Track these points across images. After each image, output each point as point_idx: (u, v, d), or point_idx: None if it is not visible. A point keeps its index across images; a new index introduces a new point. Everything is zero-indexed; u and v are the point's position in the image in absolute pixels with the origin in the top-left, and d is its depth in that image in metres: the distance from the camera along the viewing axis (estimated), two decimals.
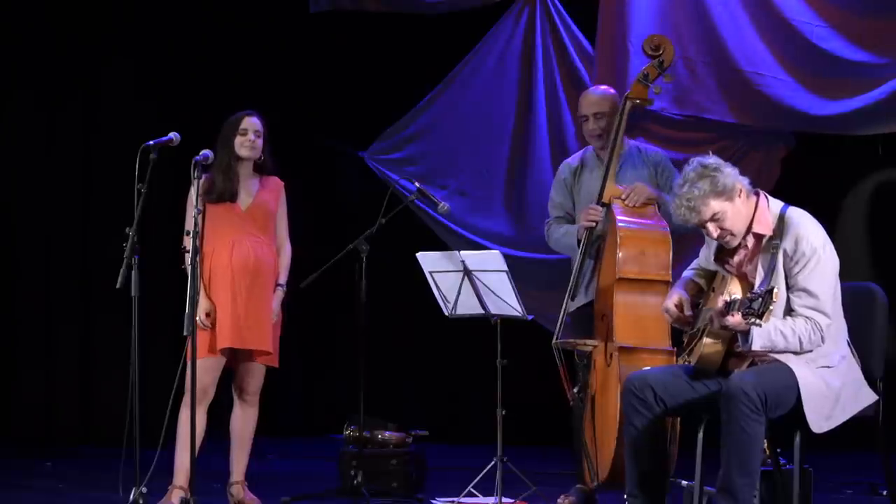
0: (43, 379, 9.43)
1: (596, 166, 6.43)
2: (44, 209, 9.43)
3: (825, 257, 5.00)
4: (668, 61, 6.29)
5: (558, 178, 6.59)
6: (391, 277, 8.35)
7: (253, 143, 6.34)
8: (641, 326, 5.93)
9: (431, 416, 8.88)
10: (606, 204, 6.19)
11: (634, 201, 6.12)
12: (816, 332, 4.94)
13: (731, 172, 5.05)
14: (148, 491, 5.63)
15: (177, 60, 9.43)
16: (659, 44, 6.31)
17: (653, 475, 5.17)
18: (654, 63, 6.29)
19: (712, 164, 5.06)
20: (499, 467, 6.43)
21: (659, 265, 5.98)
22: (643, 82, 6.29)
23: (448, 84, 8.77)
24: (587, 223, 6.21)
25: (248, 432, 6.48)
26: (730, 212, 5.02)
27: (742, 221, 5.06)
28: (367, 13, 8.87)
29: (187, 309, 5.59)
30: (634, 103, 6.31)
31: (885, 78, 7.39)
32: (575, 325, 6.31)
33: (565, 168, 6.58)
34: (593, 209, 6.20)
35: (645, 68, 6.30)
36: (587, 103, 6.49)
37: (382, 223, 6.67)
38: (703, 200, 5.00)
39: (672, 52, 6.31)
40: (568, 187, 6.51)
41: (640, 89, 6.29)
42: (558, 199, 6.55)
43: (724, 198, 5.01)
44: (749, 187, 5.10)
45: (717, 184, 5.00)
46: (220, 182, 6.31)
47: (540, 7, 8.49)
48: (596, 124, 6.41)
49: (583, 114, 6.49)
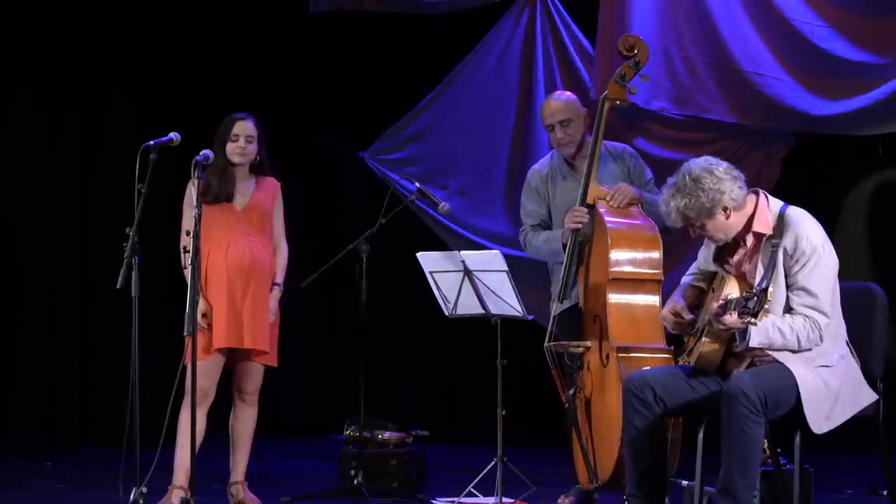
0: (43, 379, 9.43)
1: (569, 173, 6.40)
2: (44, 209, 9.44)
3: (825, 256, 5.00)
4: (643, 61, 6.26)
5: (529, 185, 6.52)
6: (391, 277, 8.35)
7: (244, 150, 6.34)
8: (635, 325, 5.93)
9: (431, 416, 8.89)
10: (591, 205, 6.16)
11: (619, 202, 6.10)
12: (815, 331, 4.94)
13: (716, 189, 4.97)
14: (148, 491, 5.63)
15: (177, 60, 9.43)
16: (633, 44, 6.30)
17: (653, 475, 5.17)
18: (630, 63, 6.27)
19: (699, 176, 5.00)
20: (499, 467, 6.43)
21: (651, 264, 5.98)
22: (620, 82, 6.27)
23: (448, 84, 8.77)
24: (574, 225, 6.17)
25: (247, 432, 6.48)
26: (709, 225, 5.02)
27: (726, 233, 5.04)
28: (367, 13, 8.87)
29: (187, 309, 5.59)
30: (613, 103, 6.27)
31: (886, 78, 7.38)
32: (561, 328, 6.29)
33: (535, 175, 6.51)
34: (578, 211, 6.16)
35: (621, 68, 6.28)
36: (550, 112, 6.41)
37: (383, 223, 6.67)
38: (678, 213, 5.00)
39: (646, 51, 6.29)
40: (541, 195, 6.47)
41: (617, 89, 6.26)
42: (531, 206, 6.50)
43: (703, 216, 4.99)
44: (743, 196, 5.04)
45: (691, 205, 4.96)
46: (215, 184, 6.31)
47: (540, 7, 8.49)
48: (564, 132, 6.36)
49: (548, 123, 6.42)
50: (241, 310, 6.27)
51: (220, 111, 6.53)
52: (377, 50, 9.53)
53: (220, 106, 6.81)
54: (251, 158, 6.38)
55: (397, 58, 9.44)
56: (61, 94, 9.41)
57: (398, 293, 8.86)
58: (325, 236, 9.31)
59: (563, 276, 6.24)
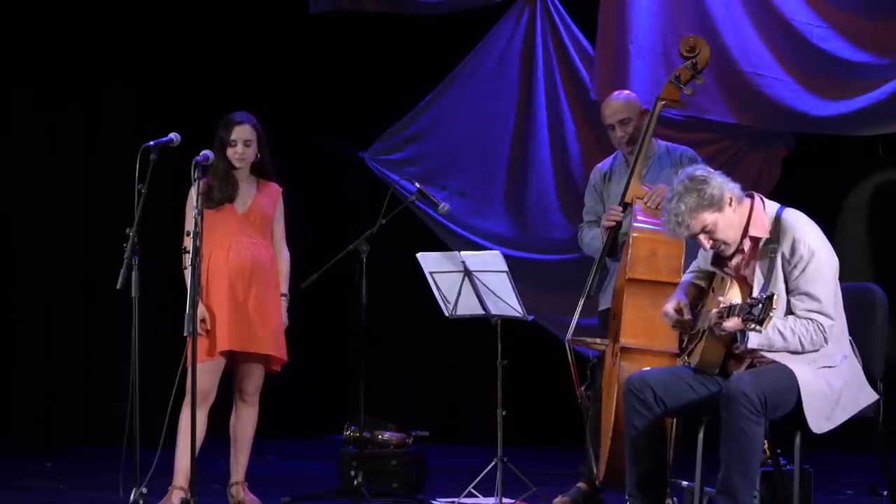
0: (43, 379, 9.43)
1: (625, 172, 6.37)
2: (44, 209, 9.43)
3: (824, 258, 4.99)
4: (701, 63, 6.13)
5: (590, 182, 6.55)
6: (391, 278, 8.36)
7: (242, 155, 6.31)
8: (650, 328, 5.85)
9: (431, 416, 8.89)
10: (629, 204, 6.15)
11: (656, 203, 6.07)
12: (819, 334, 4.93)
13: (719, 183, 5.00)
14: (148, 491, 5.62)
15: (177, 60, 9.43)
16: (694, 45, 6.18)
17: (653, 475, 5.17)
18: (688, 64, 6.16)
19: (699, 175, 5.01)
20: (499, 468, 6.43)
21: (670, 268, 5.87)
22: (675, 83, 6.16)
23: (448, 84, 8.78)
24: (606, 223, 6.20)
25: (248, 433, 6.46)
26: (721, 222, 4.99)
27: (735, 230, 5.03)
28: (367, 13, 8.87)
29: (188, 309, 5.59)
30: (667, 104, 6.23)
31: (886, 78, 7.39)
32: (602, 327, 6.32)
33: (596, 173, 6.53)
34: (613, 210, 6.18)
35: (678, 69, 6.18)
36: (611, 111, 6.38)
37: (383, 223, 6.67)
38: (692, 214, 4.97)
39: (707, 53, 6.13)
40: (598, 192, 6.48)
41: (671, 90, 6.17)
42: (589, 203, 6.53)
43: (714, 209, 4.98)
44: (740, 193, 5.06)
45: (704, 196, 4.96)
46: (216, 188, 6.30)
47: (540, 7, 8.50)
48: (623, 131, 6.33)
49: (608, 123, 6.38)
50: (245, 312, 6.24)
51: (220, 111, 6.52)
52: (377, 50, 9.53)
53: (220, 106, 6.80)
54: (251, 161, 6.37)
55: (397, 58, 9.44)
56: (61, 94, 9.41)
57: (398, 293, 8.86)
58: (326, 236, 9.30)
59: (592, 273, 6.24)
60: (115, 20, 9.36)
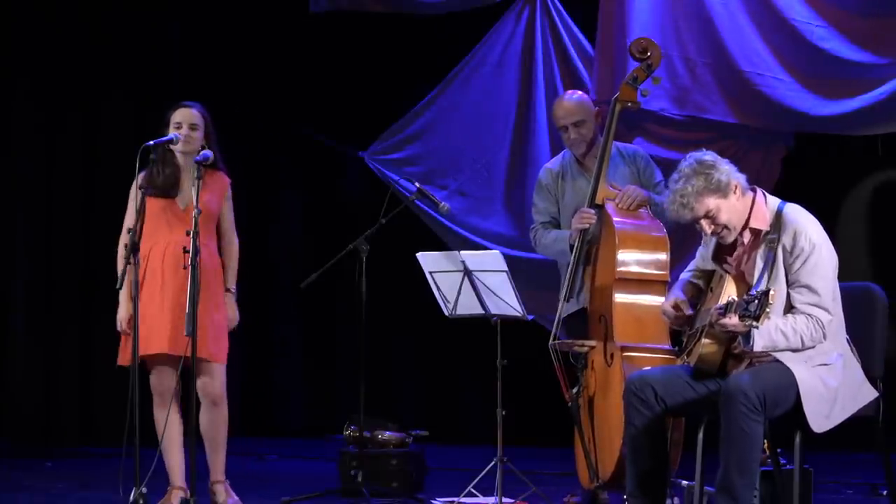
0: (43, 379, 9.43)
1: (579, 173, 6.38)
2: (44, 209, 9.43)
3: (825, 252, 5.00)
4: (655, 64, 6.23)
5: (540, 183, 6.50)
6: (391, 277, 8.35)
7: (187, 136, 6.05)
8: (640, 325, 5.92)
9: (431, 416, 8.89)
10: (599, 206, 6.16)
11: (627, 204, 6.09)
12: (818, 329, 4.94)
13: (727, 169, 5.04)
14: (148, 491, 5.63)
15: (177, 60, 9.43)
16: (646, 47, 6.27)
17: (653, 475, 5.16)
18: (642, 66, 6.25)
19: (708, 160, 5.05)
20: (499, 468, 6.43)
21: (658, 265, 5.99)
22: (632, 85, 6.23)
23: (448, 84, 8.77)
24: (581, 225, 6.17)
25: (220, 434, 6.19)
26: (724, 208, 5.02)
27: (738, 217, 5.05)
28: (367, 13, 8.87)
29: (188, 309, 5.55)
30: (624, 105, 6.25)
31: (886, 78, 7.38)
32: (569, 331, 6.29)
33: (547, 173, 6.50)
34: (586, 212, 6.15)
35: (633, 71, 6.26)
36: (564, 112, 6.37)
37: (382, 223, 6.67)
38: (697, 197, 4.99)
39: (659, 54, 6.25)
40: (552, 193, 6.46)
41: (628, 91, 6.22)
42: (542, 204, 6.49)
43: (719, 195, 5.00)
44: (746, 184, 5.09)
45: (711, 180, 4.99)
46: (158, 175, 6.05)
47: (540, 7, 8.49)
48: (577, 132, 6.34)
49: (561, 124, 6.38)
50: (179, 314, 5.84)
51: (220, 111, 6.53)
52: (377, 50, 9.53)
53: (220, 106, 6.80)
54: (195, 147, 6.06)
55: (397, 58, 9.44)
56: (61, 93, 9.41)
57: (398, 293, 8.86)
58: (325, 236, 9.30)
59: (569, 276, 6.23)
60: (116, 20, 9.37)
